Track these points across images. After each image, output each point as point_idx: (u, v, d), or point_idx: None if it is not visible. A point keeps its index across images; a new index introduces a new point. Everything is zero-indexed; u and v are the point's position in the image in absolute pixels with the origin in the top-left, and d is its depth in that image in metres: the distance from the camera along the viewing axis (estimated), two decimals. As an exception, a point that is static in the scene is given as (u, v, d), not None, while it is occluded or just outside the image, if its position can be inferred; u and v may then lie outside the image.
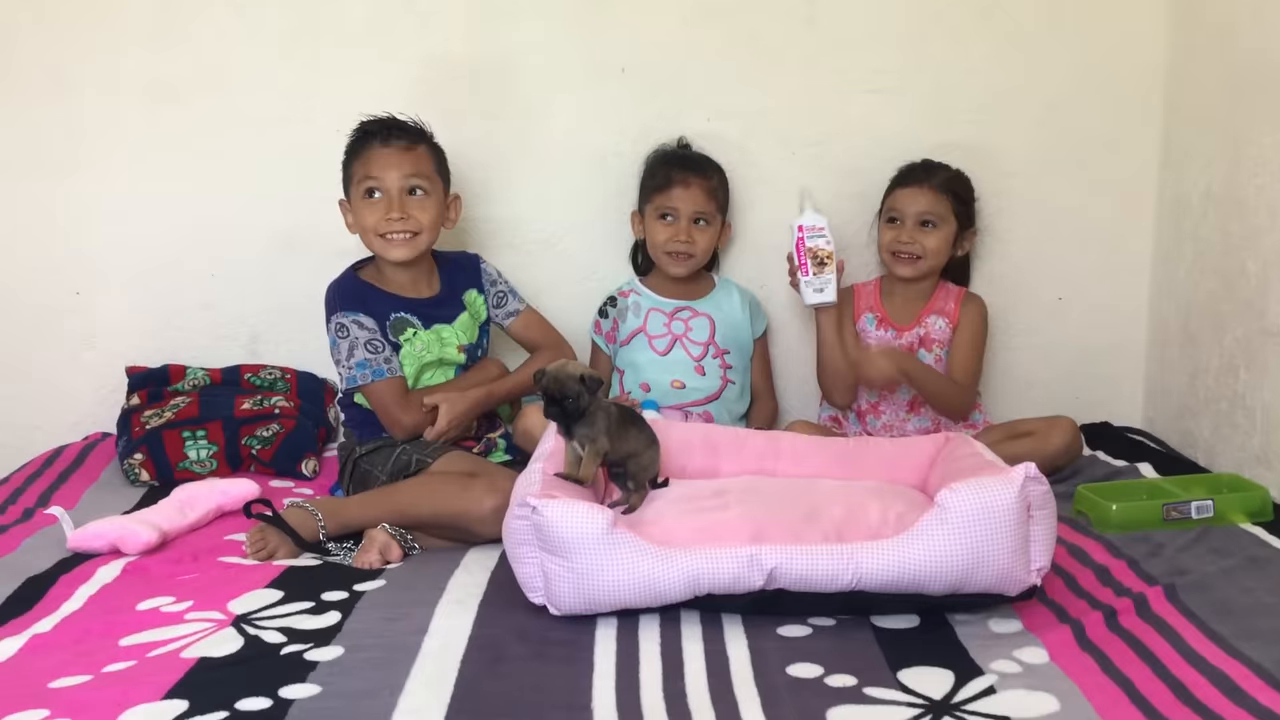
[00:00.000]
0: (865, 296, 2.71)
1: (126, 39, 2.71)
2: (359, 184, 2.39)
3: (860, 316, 2.69)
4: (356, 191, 2.40)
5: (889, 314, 2.68)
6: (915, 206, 2.60)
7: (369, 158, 2.38)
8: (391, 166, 2.37)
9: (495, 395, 2.46)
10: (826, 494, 1.98)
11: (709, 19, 2.74)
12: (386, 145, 2.38)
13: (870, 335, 2.67)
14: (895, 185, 2.67)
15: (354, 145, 2.41)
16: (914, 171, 2.66)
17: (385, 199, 2.37)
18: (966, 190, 2.66)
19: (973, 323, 2.67)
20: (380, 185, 2.37)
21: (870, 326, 2.67)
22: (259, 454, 2.54)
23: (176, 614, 1.78)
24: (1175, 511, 2.15)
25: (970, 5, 2.75)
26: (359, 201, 2.39)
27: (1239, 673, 1.53)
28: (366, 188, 2.38)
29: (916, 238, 2.59)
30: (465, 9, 2.73)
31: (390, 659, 1.61)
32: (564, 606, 1.75)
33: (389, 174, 2.37)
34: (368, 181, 2.38)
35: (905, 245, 2.60)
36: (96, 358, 2.81)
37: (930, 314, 2.66)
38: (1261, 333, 2.33)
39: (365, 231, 2.40)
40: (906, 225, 2.60)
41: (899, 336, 2.65)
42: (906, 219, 2.60)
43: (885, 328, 2.66)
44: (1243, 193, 2.40)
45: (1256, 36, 2.36)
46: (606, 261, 2.83)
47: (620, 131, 2.77)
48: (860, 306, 2.70)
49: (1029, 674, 1.58)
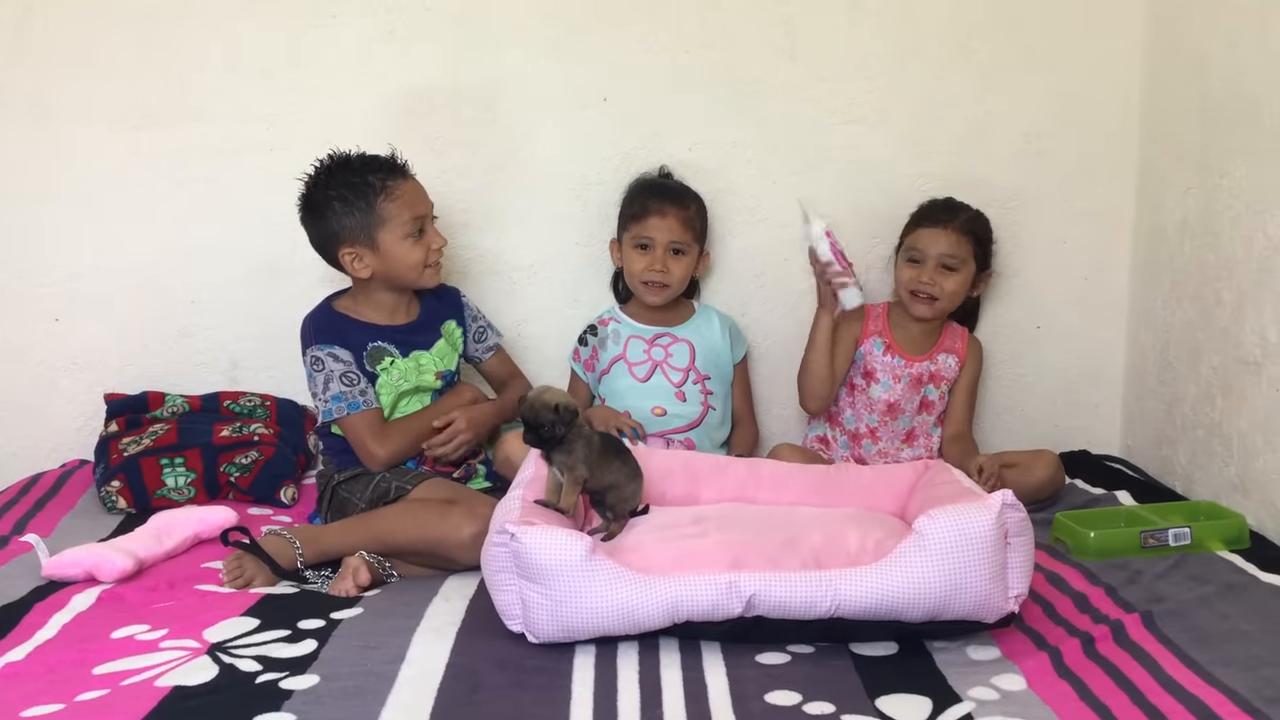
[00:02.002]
0: (874, 320, 2.70)
1: (107, 66, 2.72)
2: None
3: (867, 339, 2.67)
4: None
5: (898, 342, 2.67)
6: (937, 248, 2.58)
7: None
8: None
9: (500, 410, 2.50)
10: (805, 521, 1.98)
11: (690, 50, 2.76)
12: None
13: (876, 360, 2.66)
14: (917, 223, 2.64)
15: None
16: (937, 211, 2.64)
17: None
18: (986, 232, 2.66)
19: (975, 369, 2.71)
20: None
21: (877, 351, 2.66)
22: (237, 481, 2.52)
23: (151, 642, 1.77)
24: (1153, 539, 2.16)
25: (948, 38, 2.78)
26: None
27: (1215, 700, 1.53)
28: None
29: (937, 279, 2.58)
30: (447, 38, 2.75)
31: (366, 688, 1.59)
32: (542, 634, 1.75)
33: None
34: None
35: (925, 286, 2.59)
36: (75, 384, 2.80)
37: (942, 351, 2.67)
38: (1237, 361, 2.35)
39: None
40: (928, 266, 2.59)
41: (908, 366, 2.65)
42: (928, 260, 2.59)
43: (893, 354, 2.66)
44: (1218, 223, 2.43)
45: (1230, 68, 2.39)
46: (588, 289, 2.84)
47: (602, 160, 2.78)
48: (868, 329, 2.68)
49: (1007, 701, 1.58)
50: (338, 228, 2.35)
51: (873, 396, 2.66)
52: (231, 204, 2.77)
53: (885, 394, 2.65)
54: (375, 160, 2.38)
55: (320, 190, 2.36)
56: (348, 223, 2.34)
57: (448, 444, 2.38)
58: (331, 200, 2.34)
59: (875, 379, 2.66)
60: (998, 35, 2.77)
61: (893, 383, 2.65)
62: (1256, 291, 2.28)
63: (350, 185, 2.34)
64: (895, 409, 2.66)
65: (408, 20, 2.73)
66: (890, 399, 2.66)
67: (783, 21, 2.76)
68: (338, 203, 2.34)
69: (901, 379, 2.65)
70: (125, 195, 2.76)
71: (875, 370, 2.66)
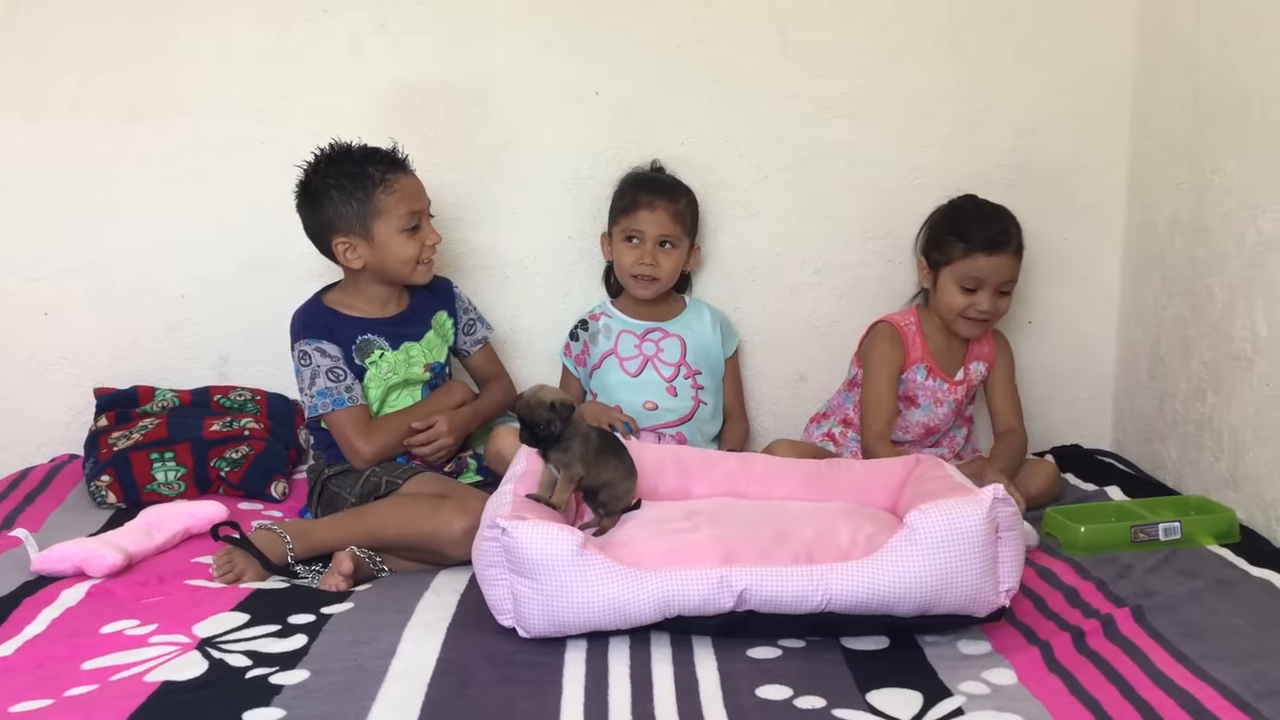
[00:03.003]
0: (913, 347, 2.58)
1: (97, 59, 2.70)
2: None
3: (910, 366, 2.58)
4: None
5: (938, 364, 2.60)
6: (999, 277, 2.51)
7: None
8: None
9: (481, 413, 2.47)
10: (796, 515, 1.98)
11: (683, 44, 2.75)
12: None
13: (918, 385, 2.59)
14: (976, 250, 2.49)
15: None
16: (996, 238, 2.50)
17: None
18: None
19: (1008, 362, 2.67)
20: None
21: (920, 377, 2.58)
22: (228, 476, 2.52)
23: (141, 637, 1.76)
24: (1143, 534, 2.16)
25: (941, 33, 2.77)
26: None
27: (1205, 694, 1.53)
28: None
29: (998, 305, 2.53)
30: (439, 32, 2.74)
31: (356, 683, 1.59)
32: (533, 629, 1.74)
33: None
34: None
35: (984, 313, 2.52)
36: (64, 379, 2.79)
37: (973, 360, 2.63)
38: (1228, 357, 2.35)
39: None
40: (988, 293, 2.51)
41: (951, 391, 2.60)
42: (988, 287, 2.51)
43: (935, 378, 2.59)
44: (1209, 219, 2.43)
45: (1222, 64, 2.39)
46: (580, 284, 2.83)
47: (594, 154, 2.78)
48: (911, 357, 2.58)
49: (997, 695, 1.58)
50: (334, 216, 2.35)
51: (910, 420, 2.60)
52: (222, 198, 2.76)
53: (925, 418, 2.60)
54: (377, 152, 2.38)
55: (319, 178, 2.36)
56: (344, 212, 2.34)
57: (427, 446, 2.37)
58: (330, 188, 2.34)
59: (916, 403, 2.60)
60: (990, 31, 2.77)
61: (934, 406, 2.60)
62: (1247, 287, 2.28)
63: (350, 175, 2.34)
64: (932, 430, 2.61)
65: (399, 13, 2.72)
66: (930, 423, 2.61)
67: (775, 16, 2.75)
68: (336, 191, 2.34)
69: (944, 404, 2.60)
70: (115, 189, 2.75)
71: (917, 395, 2.60)
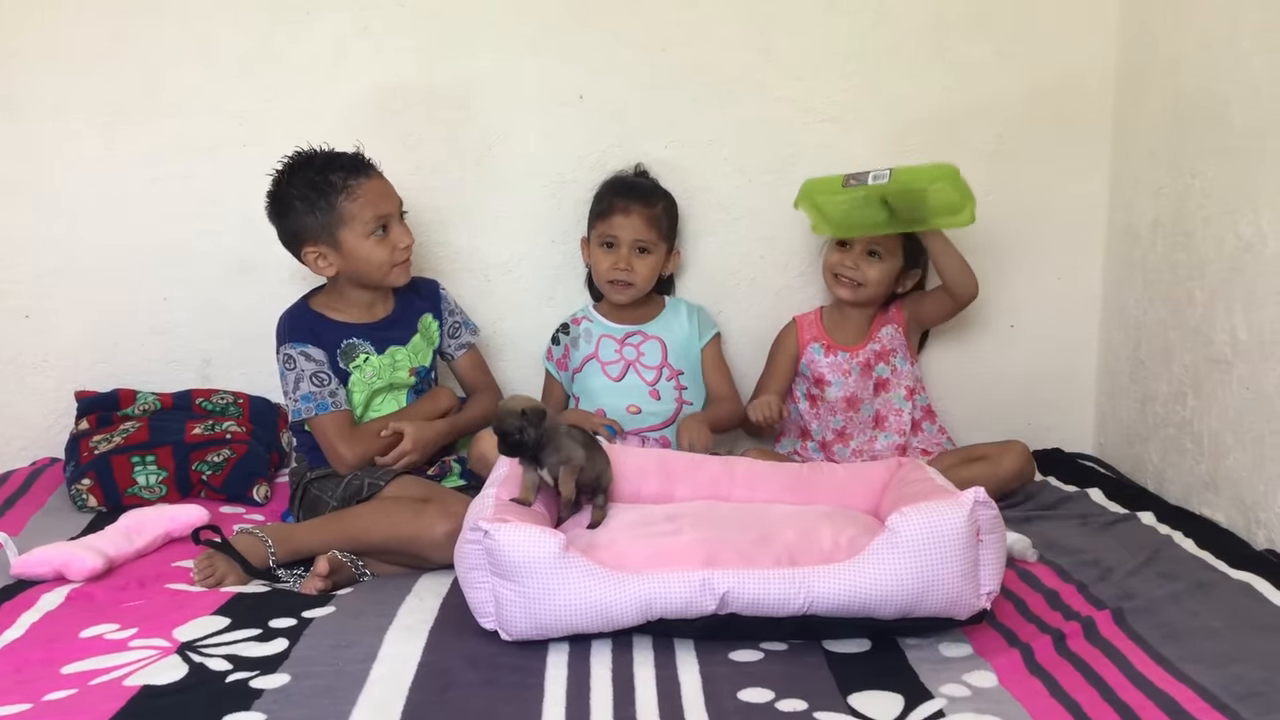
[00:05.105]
0: (807, 329, 2.74)
1: (79, 61, 2.69)
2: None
3: (805, 348, 2.72)
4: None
5: (836, 340, 2.71)
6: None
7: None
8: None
9: (458, 427, 2.46)
10: (779, 518, 1.98)
11: (667, 48, 2.76)
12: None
13: (821, 365, 2.70)
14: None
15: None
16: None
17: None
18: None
19: (920, 296, 2.72)
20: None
21: (819, 355, 2.70)
22: (210, 479, 2.51)
23: (120, 641, 1.75)
24: (853, 180, 2.38)
25: (923, 37, 2.78)
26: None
27: (1185, 696, 1.54)
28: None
29: (861, 265, 2.63)
30: (422, 34, 2.74)
31: (337, 686, 1.59)
32: (515, 631, 1.74)
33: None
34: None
35: (849, 271, 2.63)
36: (45, 382, 2.78)
37: (881, 326, 2.70)
38: (1209, 360, 2.37)
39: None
40: (853, 251, 2.64)
41: (853, 357, 2.68)
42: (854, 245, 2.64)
43: (834, 353, 2.69)
44: (1190, 223, 2.44)
45: (1202, 70, 2.40)
46: (563, 288, 2.83)
47: (578, 158, 2.78)
48: (804, 339, 2.73)
49: (978, 698, 1.59)
50: (299, 227, 2.34)
51: (830, 398, 2.69)
52: (205, 201, 2.75)
53: (841, 391, 2.68)
54: (338, 158, 2.36)
55: (284, 188, 2.35)
56: (309, 222, 2.33)
57: (388, 455, 2.35)
58: (293, 199, 2.33)
59: (827, 382, 2.69)
60: (972, 35, 2.78)
61: (843, 378, 2.68)
62: (1227, 291, 2.30)
63: (312, 184, 2.32)
64: (854, 401, 2.68)
65: (382, 16, 2.72)
66: (846, 394, 2.68)
67: (759, 20, 2.76)
68: (299, 201, 2.33)
69: (851, 372, 2.68)
70: (97, 191, 2.74)
71: (824, 375, 2.69)
